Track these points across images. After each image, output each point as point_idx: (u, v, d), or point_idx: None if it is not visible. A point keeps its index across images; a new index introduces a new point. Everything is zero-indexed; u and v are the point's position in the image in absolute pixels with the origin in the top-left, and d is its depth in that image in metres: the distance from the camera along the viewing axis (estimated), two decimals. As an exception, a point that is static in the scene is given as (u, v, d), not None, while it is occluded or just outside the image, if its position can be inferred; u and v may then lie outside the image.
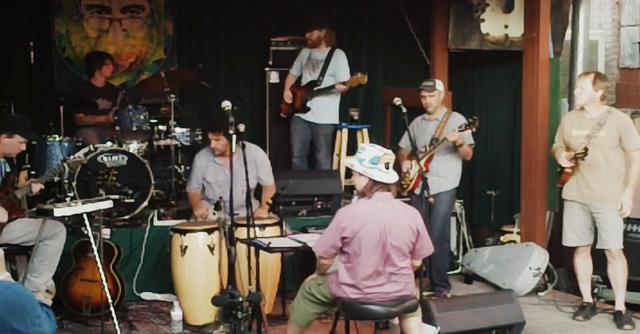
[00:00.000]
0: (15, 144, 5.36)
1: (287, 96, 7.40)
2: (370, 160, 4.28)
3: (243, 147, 4.93)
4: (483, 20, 7.49)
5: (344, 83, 7.10)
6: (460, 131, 5.90)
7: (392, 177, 4.32)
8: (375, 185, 4.28)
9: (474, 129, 6.00)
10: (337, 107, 7.36)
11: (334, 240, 4.27)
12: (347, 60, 7.31)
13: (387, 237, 4.21)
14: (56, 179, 6.14)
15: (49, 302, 5.23)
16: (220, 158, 6.06)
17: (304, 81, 7.37)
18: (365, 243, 4.20)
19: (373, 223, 4.21)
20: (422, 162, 5.94)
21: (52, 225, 5.25)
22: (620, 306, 5.63)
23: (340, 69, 7.26)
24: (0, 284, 2.44)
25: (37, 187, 5.38)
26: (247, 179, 4.81)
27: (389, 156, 4.32)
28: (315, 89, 7.24)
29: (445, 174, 6.16)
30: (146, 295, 6.11)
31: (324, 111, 7.29)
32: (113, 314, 4.94)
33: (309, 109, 7.28)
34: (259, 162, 6.13)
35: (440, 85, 6.24)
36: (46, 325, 2.47)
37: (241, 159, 4.84)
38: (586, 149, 5.38)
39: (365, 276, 4.23)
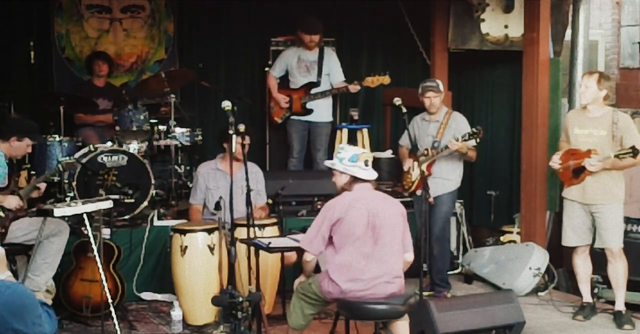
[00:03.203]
0: (23, 146, 5.41)
1: (284, 99, 7.35)
2: (349, 158, 4.40)
3: (244, 147, 4.92)
4: (483, 20, 7.48)
5: (360, 83, 7.14)
6: (464, 140, 5.89)
7: (371, 174, 4.44)
8: (356, 181, 4.41)
9: (479, 140, 5.97)
10: (331, 105, 7.41)
11: (321, 232, 4.35)
12: (337, 58, 7.39)
13: (375, 218, 4.31)
14: (56, 179, 6.14)
15: (49, 302, 5.23)
16: (222, 164, 6.05)
17: (297, 83, 7.34)
18: (355, 225, 4.29)
19: (359, 206, 4.33)
20: (424, 166, 5.93)
21: (56, 223, 5.28)
22: (620, 306, 5.63)
23: (334, 68, 7.32)
24: (1, 283, 2.43)
25: (43, 185, 5.45)
26: (247, 179, 4.81)
27: (367, 154, 4.49)
28: (320, 91, 7.23)
29: (447, 176, 6.17)
30: (146, 295, 6.11)
31: (321, 110, 7.31)
32: (113, 314, 4.94)
33: (311, 111, 7.27)
34: (259, 178, 6.11)
35: (442, 85, 6.26)
36: (47, 325, 2.46)
37: (240, 163, 4.84)
38: (634, 148, 5.26)
39: (356, 261, 4.29)
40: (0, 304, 2.29)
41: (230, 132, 4.75)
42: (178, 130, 6.84)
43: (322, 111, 7.32)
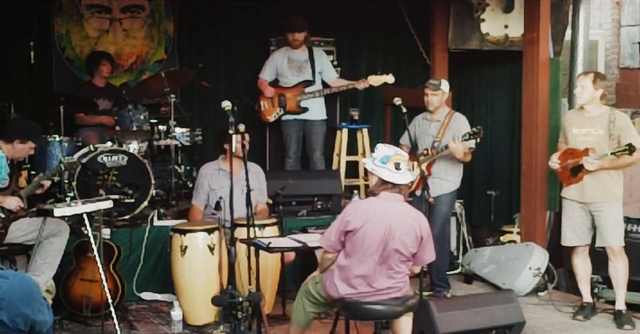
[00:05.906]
0: (26, 149, 5.45)
1: (270, 91, 7.34)
2: (380, 159, 4.25)
3: (244, 147, 4.93)
4: (483, 20, 7.49)
5: (364, 81, 7.21)
6: (464, 140, 5.89)
7: (401, 178, 4.26)
8: (384, 184, 4.25)
9: (479, 140, 5.95)
10: (324, 103, 7.42)
11: (339, 233, 4.24)
12: (327, 56, 7.48)
13: (390, 238, 4.17)
14: (56, 179, 6.14)
15: (49, 302, 5.23)
16: (224, 165, 6.05)
17: (289, 83, 7.35)
18: (367, 240, 4.17)
19: (378, 221, 4.18)
20: (424, 166, 5.93)
21: (56, 223, 5.29)
22: (620, 305, 5.63)
23: (326, 66, 7.38)
24: (8, 272, 2.49)
25: (47, 183, 5.48)
26: (247, 179, 4.81)
27: (400, 156, 4.29)
28: (317, 89, 7.26)
29: (447, 177, 6.17)
30: (146, 295, 6.11)
31: (314, 108, 7.33)
32: (113, 314, 4.93)
33: (306, 109, 7.29)
34: (260, 177, 6.12)
35: (445, 85, 6.23)
36: (47, 314, 2.53)
37: (242, 163, 4.83)
38: (630, 145, 5.28)
39: (360, 274, 4.22)
40: (9, 290, 2.35)
41: (230, 132, 4.75)
42: (178, 130, 6.84)
43: (315, 109, 7.34)
